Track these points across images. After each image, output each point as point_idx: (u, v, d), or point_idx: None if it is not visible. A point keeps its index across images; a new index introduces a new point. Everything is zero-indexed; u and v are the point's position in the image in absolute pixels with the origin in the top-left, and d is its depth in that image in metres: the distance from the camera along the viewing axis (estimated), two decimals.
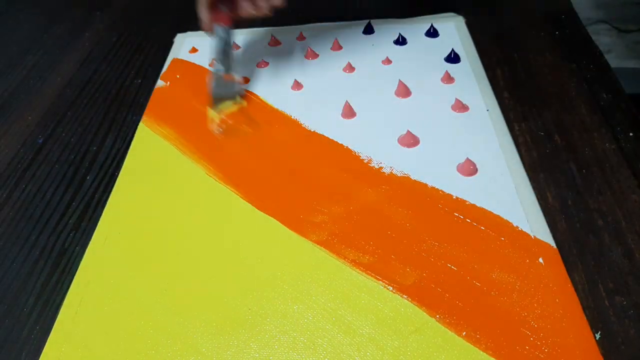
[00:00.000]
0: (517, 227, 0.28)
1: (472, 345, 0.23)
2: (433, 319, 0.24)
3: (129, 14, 0.54)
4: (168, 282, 0.27)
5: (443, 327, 0.24)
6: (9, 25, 0.54)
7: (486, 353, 0.23)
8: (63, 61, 0.48)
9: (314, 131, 0.36)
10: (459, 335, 0.24)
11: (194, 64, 0.44)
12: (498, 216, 0.29)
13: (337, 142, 0.35)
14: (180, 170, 0.34)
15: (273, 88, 0.40)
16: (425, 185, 0.31)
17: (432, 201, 0.30)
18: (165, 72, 0.43)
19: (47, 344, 0.25)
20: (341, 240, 0.28)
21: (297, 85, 0.40)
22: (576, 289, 0.25)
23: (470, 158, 0.32)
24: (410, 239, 0.28)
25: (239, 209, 0.31)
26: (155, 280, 0.28)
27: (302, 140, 0.35)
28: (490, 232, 0.28)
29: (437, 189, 0.30)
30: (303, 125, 0.36)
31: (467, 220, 0.29)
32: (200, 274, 0.28)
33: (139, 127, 0.38)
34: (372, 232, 0.29)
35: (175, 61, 0.44)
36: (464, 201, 0.30)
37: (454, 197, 0.30)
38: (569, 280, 0.25)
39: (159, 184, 0.33)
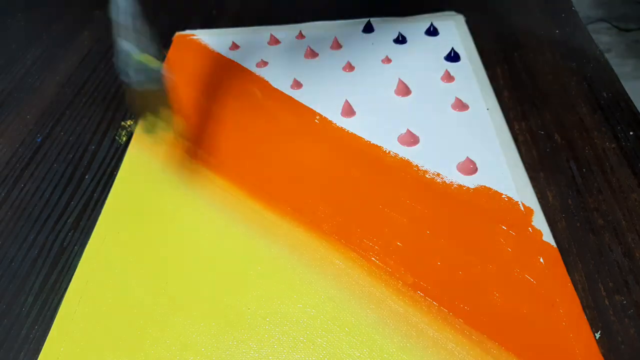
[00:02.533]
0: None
1: (471, 344, 0.23)
2: (434, 319, 0.24)
3: None
4: (167, 281, 0.27)
5: (443, 326, 0.24)
6: (8, 24, 0.54)
7: (486, 352, 0.23)
8: (62, 60, 0.47)
9: (317, 127, 0.36)
10: (459, 334, 0.24)
11: (193, 57, 0.44)
12: (497, 216, 0.29)
13: (336, 139, 0.35)
14: (182, 168, 0.34)
15: (272, 87, 0.40)
16: (432, 180, 0.31)
17: (433, 199, 0.30)
18: (165, 66, 0.43)
19: (45, 343, 0.25)
20: (342, 237, 0.28)
21: (297, 84, 0.40)
22: (576, 288, 0.25)
23: (470, 157, 0.32)
24: (409, 237, 0.28)
25: (240, 207, 0.31)
26: (154, 279, 0.28)
27: (303, 137, 0.35)
28: (490, 232, 0.28)
29: (438, 182, 0.30)
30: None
31: (467, 219, 0.29)
32: (200, 272, 0.28)
33: (138, 125, 0.38)
34: (373, 230, 0.29)
35: (174, 56, 0.44)
36: (464, 200, 0.30)
37: (453, 195, 0.30)
38: (568, 279, 0.25)
39: (159, 182, 0.33)
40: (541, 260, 0.26)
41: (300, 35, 0.45)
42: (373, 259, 0.27)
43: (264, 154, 0.34)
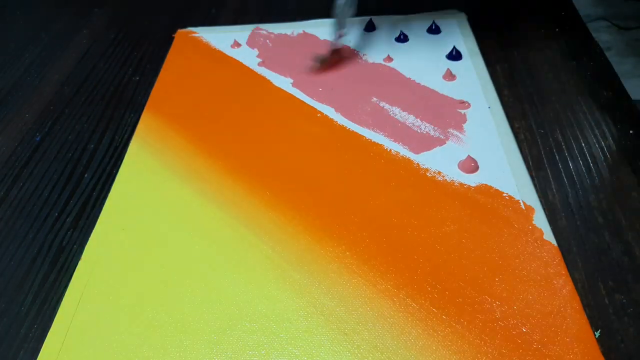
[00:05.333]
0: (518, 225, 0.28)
1: (469, 345, 0.23)
2: (432, 318, 0.24)
3: (127, 9, 0.53)
4: (167, 280, 0.27)
5: (441, 324, 0.24)
6: (6, 23, 0.54)
7: (484, 353, 0.23)
8: (61, 58, 0.47)
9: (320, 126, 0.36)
10: (457, 335, 0.24)
11: (194, 55, 0.44)
12: (498, 214, 0.29)
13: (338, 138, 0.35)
14: (182, 167, 0.34)
15: (274, 85, 0.40)
16: (432, 178, 0.31)
17: (434, 197, 0.30)
18: (166, 64, 0.43)
19: (45, 342, 0.25)
20: (341, 236, 0.28)
21: (298, 82, 0.40)
22: (576, 287, 0.25)
23: (471, 155, 0.31)
24: (409, 236, 0.28)
25: (242, 205, 0.31)
26: (154, 279, 0.27)
27: (304, 135, 0.35)
28: (490, 230, 0.28)
29: (439, 180, 0.30)
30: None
31: (467, 217, 0.28)
32: (201, 272, 0.28)
33: (139, 122, 0.38)
34: (372, 229, 0.28)
35: (177, 53, 0.44)
36: (465, 199, 0.30)
37: (454, 193, 0.30)
38: (569, 278, 0.25)
39: (159, 181, 0.33)
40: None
41: (302, 34, 0.45)
42: (374, 258, 0.27)
43: (266, 151, 0.34)
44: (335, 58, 0.40)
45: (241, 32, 0.46)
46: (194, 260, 0.28)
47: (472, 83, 0.38)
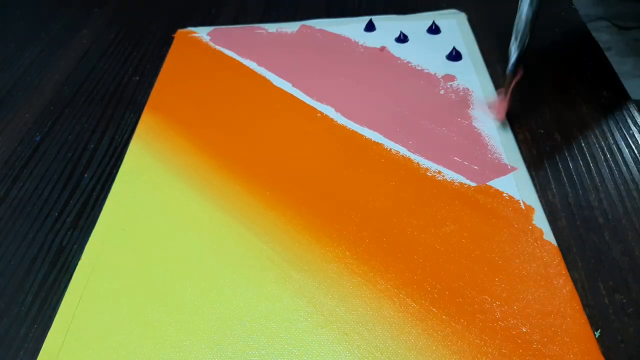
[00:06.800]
0: (518, 225, 0.28)
1: (469, 346, 0.23)
2: (431, 316, 0.24)
3: (127, 9, 0.53)
4: (167, 280, 0.27)
5: (441, 324, 0.24)
6: (6, 22, 0.54)
7: (484, 353, 0.23)
8: (61, 58, 0.47)
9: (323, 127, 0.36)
10: (457, 336, 0.24)
11: (194, 54, 0.44)
12: (498, 214, 0.28)
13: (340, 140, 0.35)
14: (182, 167, 0.34)
15: (273, 86, 0.40)
16: (433, 178, 0.31)
17: (434, 197, 0.30)
18: (166, 64, 0.43)
19: (45, 342, 0.25)
20: (342, 237, 0.28)
21: (298, 83, 0.40)
22: (576, 287, 0.25)
23: None
24: (409, 235, 0.28)
25: (241, 206, 0.31)
26: (154, 278, 0.27)
27: (304, 135, 0.35)
28: (490, 230, 0.28)
29: (439, 180, 0.30)
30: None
31: (467, 217, 0.28)
32: (201, 272, 0.28)
33: (139, 122, 0.38)
34: (372, 229, 0.28)
35: (177, 53, 0.44)
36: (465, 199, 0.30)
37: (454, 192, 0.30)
38: (569, 278, 0.25)
39: (160, 181, 0.33)
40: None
41: (302, 34, 0.45)
42: (373, 258, 0.27)
43: (266, 151, 0.34)
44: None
45: (241, 32, 0.46)
46: (193, 260, 0.28)
47: (472, 83, 0.38)
